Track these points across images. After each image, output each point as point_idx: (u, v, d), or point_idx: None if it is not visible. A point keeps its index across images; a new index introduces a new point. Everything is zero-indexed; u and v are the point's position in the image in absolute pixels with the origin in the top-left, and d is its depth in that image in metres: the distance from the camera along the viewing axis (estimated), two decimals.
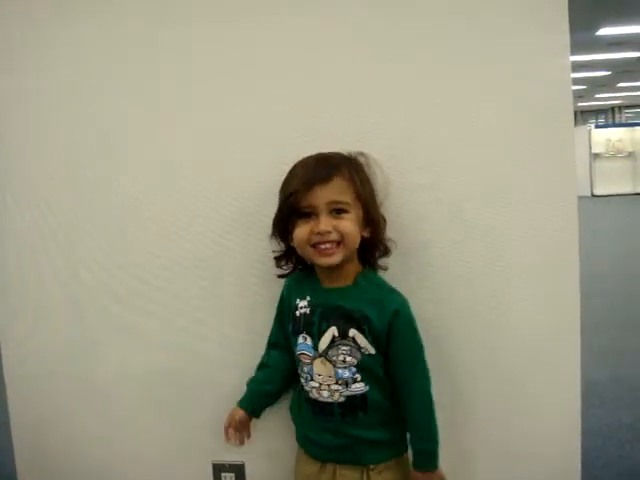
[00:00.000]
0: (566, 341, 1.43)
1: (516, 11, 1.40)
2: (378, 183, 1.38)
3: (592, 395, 1.56)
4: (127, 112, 1.54)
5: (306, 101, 1.47)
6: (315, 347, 1.32)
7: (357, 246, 1.32)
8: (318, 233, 1.27)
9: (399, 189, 1.44)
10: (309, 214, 1.28)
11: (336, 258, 1.29)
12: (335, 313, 1.31)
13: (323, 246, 1.28)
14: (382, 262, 1.40)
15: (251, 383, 1.47)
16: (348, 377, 1.31)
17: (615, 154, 14.71)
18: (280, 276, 1.42)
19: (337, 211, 1.28)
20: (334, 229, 1.27)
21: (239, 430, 1.46)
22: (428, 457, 1.34)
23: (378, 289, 1.35)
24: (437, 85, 1.43)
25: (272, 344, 1.46)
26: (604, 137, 14.85)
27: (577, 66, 10.07)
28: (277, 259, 1.41)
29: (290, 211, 1.30)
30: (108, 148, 1.56)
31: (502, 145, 1.42)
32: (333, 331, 1.30)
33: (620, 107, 20.61)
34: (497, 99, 1.41)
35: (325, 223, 1.27)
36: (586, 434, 1.48)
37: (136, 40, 1.53)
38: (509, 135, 1.42)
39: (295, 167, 1.33)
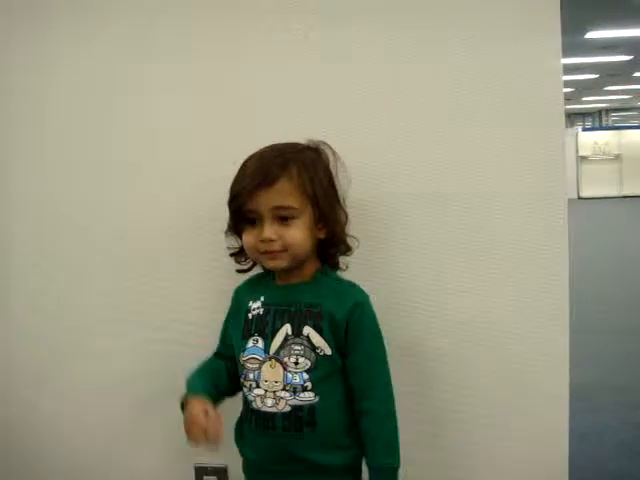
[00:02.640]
0: (555, 344, 1.43)
1: (508, 14, 1.39)
2: (340, 177, 1.28)
3: (580, 399, 1.56)
4: (128, 110, 1.55)
5: (299, 102, 1.46)
6: (266, 349, 1.20)
7: (307, 251, 1.22)
8: (262, 241, 1.18)
9: (385, 191, 1.42)
10: (254, 220, 1.20)
11: (283, 262, 1.20)
12: (290, 309, 1.21)
13: (269, 253, 1.19)
14: (342, 261, 1.31)
15: (191, 376, 1.27)
16: (298, 383, 1.18)
17: (602, 157, 14.83)
18: (239, 271, 1.32)
19: (282, 218, 1.18)
20: (279, 237, 1.18)
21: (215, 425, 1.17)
22: (389, 475, 1.19)
23: (337, 283, 1.26)
24: (428, 87, 1.42)
25: (215, 354, 1.34)
26: (591, 140, 14.99)
27: (565, 69, 10.05)
28: (234, 255, 1.32)
29: (235, 215, 1.23)
30: (109, 146, 1.56)
31: (492, 146, 1.41)
32: (286, 329, 1.20)
33: (607, 110, 20.80)
34: (488, 101, 1.40)
35: (269, 231, 1.17)
36: (573, 437, 1.48)
37: (138, 38, 1.53)
38: (499, 137, 1.41)
39: (243, 164, 1.23)
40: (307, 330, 1.19)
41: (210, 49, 1.50)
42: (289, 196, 1.18)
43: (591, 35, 7.77)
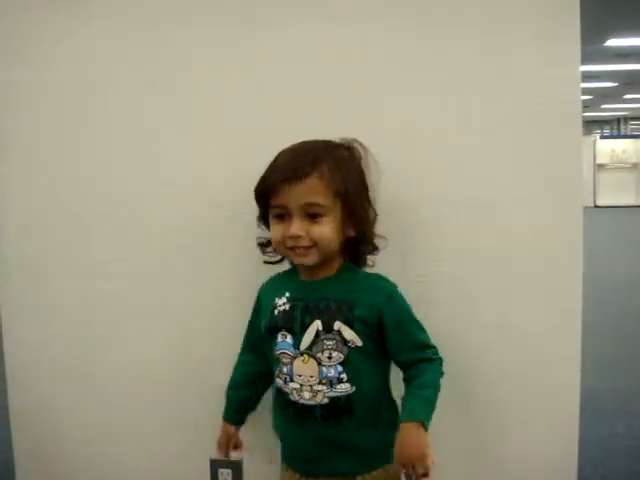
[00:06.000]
0: (566, 350, 1.44)
1: (527, 21, 1.40)
2: (373, 175, 1.28)
3: (589, 405, 1.56)
4: (130, 107, 1.54)
5: (312, 101, 1.46)
6: (296, 345, 1.23)
7: (336, 248, 1.24)
8: (290, 237, 1.20)
9: (401, 194, 1.42)
10: (282, 214, 1.21)
11: (311, 259, 1.22)
12: (319, 306, 1.23)
13: (297, 249, 1.21)
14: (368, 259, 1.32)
15: (230, 390, 1.41)
16: (333, 376, 1.21)
17: (619, 165, 14.70)
18: (267, 262, 1.34)
19: (311, 215, 1.19)
20: (306, 234, 1.19)
21: (237, 446, 1.43)
22: (425, 406, 1.20)
23: (365, 277, 1.29)
24: (445, 93, 1.43)
25: (245, 348, 1.39)
26: (609, 148, 14.84)
27: (584, 76, 9.92)
28: (261, 245, 1.33)
29: (263, 208, 1.25)
30: (109, 143, 1.57)
31: (508, 153, 1.42)
32: (317, 325, 1.21)
33: (626, 118, 20.60)
34: (506, 107, 1.41)
35: (297, 227, 1.19)
36: (581, 443, 1.48)
37: (141, 37, 1.53)
38: (516, 143, 1.42)
39: (276, 158, 1.24)
40: (338, 325, 1.21)
41: (230, 46, 1.50)
42: (319, 193, 1.18)
43: (610, 43, 7.71)
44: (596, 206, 13.83)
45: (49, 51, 1.57)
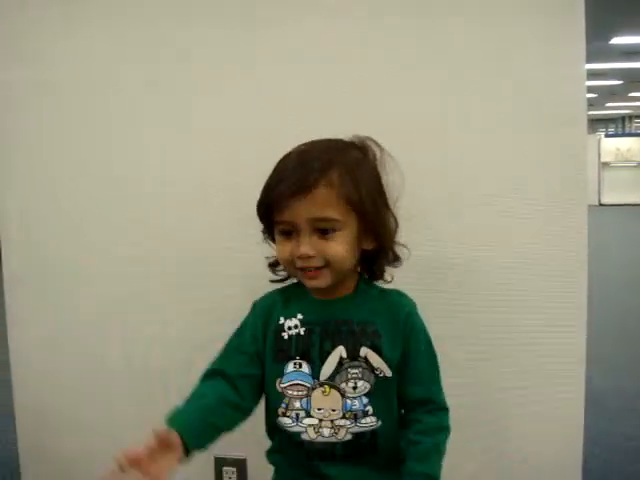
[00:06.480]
0: (571, 349, 1.44)
1: (532, 19, 1.40)
2: (390, 176, 1.13)
3: (594, 404, 1.56)
4: (130, 107, 1.56)
5: (312, 101, 1.47)
6: (315, 374, 1.06)
7: (351, 265, 1.08)
8: (299, 257, 1.03)
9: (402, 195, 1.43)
10: (290, 231, 1.04)
11: (324, 281, 1.05)
12: (341, 329, 1.07)
13: (307, 271, 1.05)
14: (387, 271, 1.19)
15: (195, 398, 1.09)
16: (358, 409, 1.06)
17: (624, 164, 14.66)
18: (273, 281, 1.17)
19: (322, 231, 1.02)
20: (318, 253, 1.02)
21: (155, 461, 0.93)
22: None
23: (385, 294, 1.14)
24: (450, 90, 1.43)
25: (211, 373, 1.12)
26: (614, 146, 14.80)
27: (589, 74, 9.94)
28: (271, 266, 1.16)
29: (267, 223, 1.09)
30: (109, 142, 1.58)
31: (513, 151, 1.43)
32: (340, 352, 1.06)
33: (631, 117, 20.52)
34: (510, 105, 1.41)
35: (306, 246, 1.02)
36: (587, 442, 1.48)
37: (141, 37, 1.54)
38: (521, 141, 1.42)
39: (278, 165, 1.07)
40: (364, 351, 1.07)
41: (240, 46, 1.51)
42: (330, 206, 1.01)
43: (615, 41, 7.69)
44: (601, 204, 13.79)
45: (48, 51, 1.59)
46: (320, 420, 1.06)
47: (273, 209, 1.04)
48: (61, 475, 1.69)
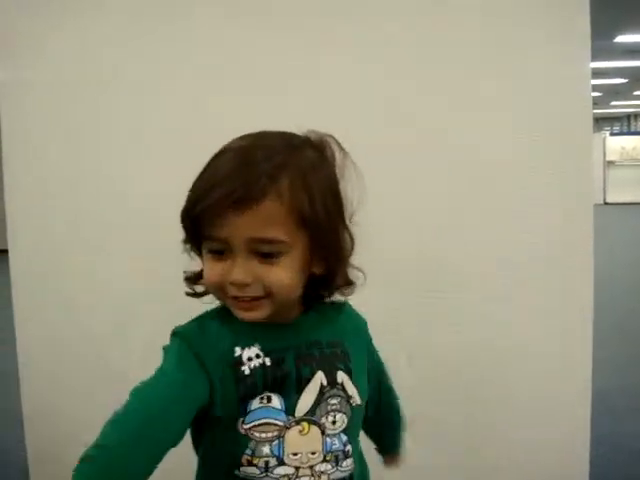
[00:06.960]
0: (577, 350, 1.44)
1: (537, 18, 1.40)
2: (351, 183, 0.87)
3: (599, 404, 1.56)
4: (135, 105, 1.55)
5: (312, 100, 1.46)
6: (289, 410, 0.83)
7: (296, 295, 0.85)
8: (232, 283, 0.81)
9: (400, 192, 1.42)
10: (222, 250, 0.81)
11: (260, 313, 0.83)
12: (313, 353, 0.86)
13: (241, 300, 0.83)
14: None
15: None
16: (338, 449, 0.86)
17: (629, 162, 14.64)
18: (189, 294, 0.93)
19: (264, 254, 0.80)
20: (256, 280, 0.80)
21: None
22: (402, 444, 1.06)
23: (338, 306, 0.93)
24: (454, 92, 1.43)
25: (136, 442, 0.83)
26: (619, 145, 14.79)
27: (593, 73, 9.95)
28: (188, 280, 0.91)
29: (193, 235, 0.85)
30: (109, 142, 1.57)
31: (518, 150, 1.43)
32: (320, 378, 0.85)
33: (636, 115, 20.47)
34: (516, 104, 1.41)
35: (241, 272, 0.80)
36: (593, 443, 1.48)
37: (141, 36, 1.53)
38: (526, 140, 1.42)
39: (211, 164, 0.84)
40: (341, 377, 0.87)
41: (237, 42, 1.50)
42: (276, 224, 0.79)
43: (620, 39, 7.68)
44: (606, 203, 13.77)
45: (49, 51, 1.58)
46: (297, 468, 0.83)
47: (202, 221, 0.81)
48: (70, 476, 1.69)
